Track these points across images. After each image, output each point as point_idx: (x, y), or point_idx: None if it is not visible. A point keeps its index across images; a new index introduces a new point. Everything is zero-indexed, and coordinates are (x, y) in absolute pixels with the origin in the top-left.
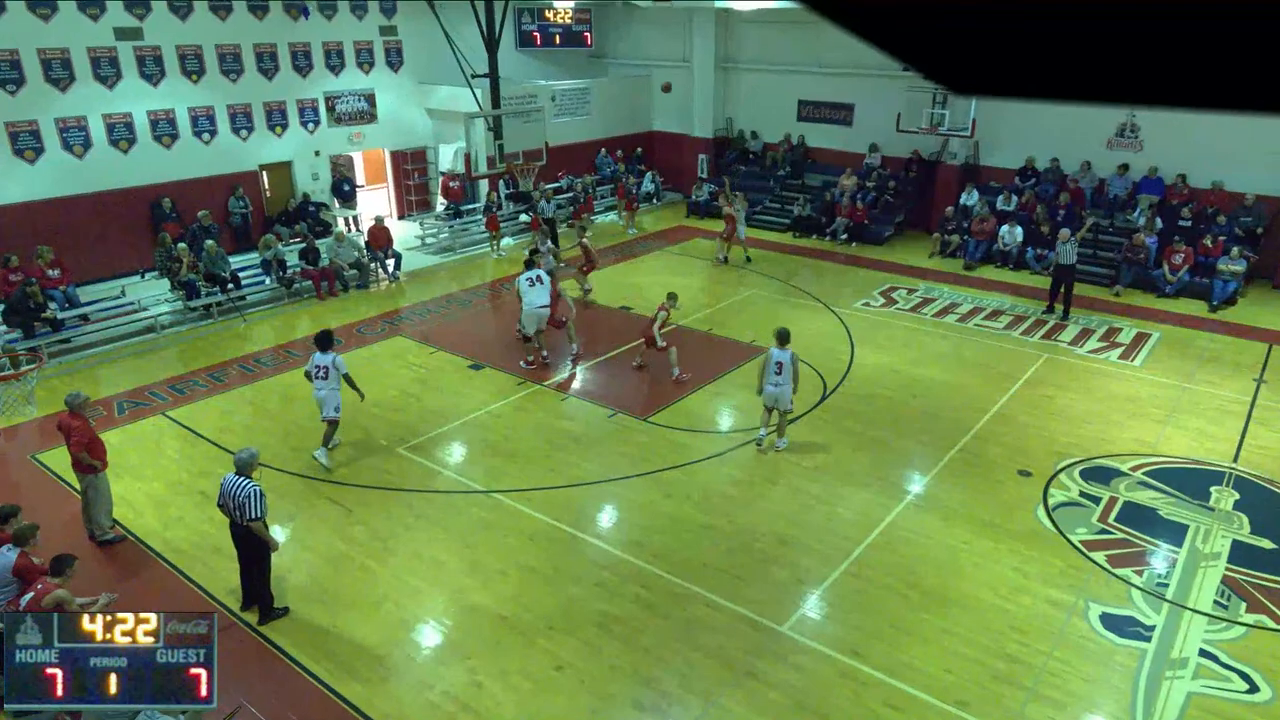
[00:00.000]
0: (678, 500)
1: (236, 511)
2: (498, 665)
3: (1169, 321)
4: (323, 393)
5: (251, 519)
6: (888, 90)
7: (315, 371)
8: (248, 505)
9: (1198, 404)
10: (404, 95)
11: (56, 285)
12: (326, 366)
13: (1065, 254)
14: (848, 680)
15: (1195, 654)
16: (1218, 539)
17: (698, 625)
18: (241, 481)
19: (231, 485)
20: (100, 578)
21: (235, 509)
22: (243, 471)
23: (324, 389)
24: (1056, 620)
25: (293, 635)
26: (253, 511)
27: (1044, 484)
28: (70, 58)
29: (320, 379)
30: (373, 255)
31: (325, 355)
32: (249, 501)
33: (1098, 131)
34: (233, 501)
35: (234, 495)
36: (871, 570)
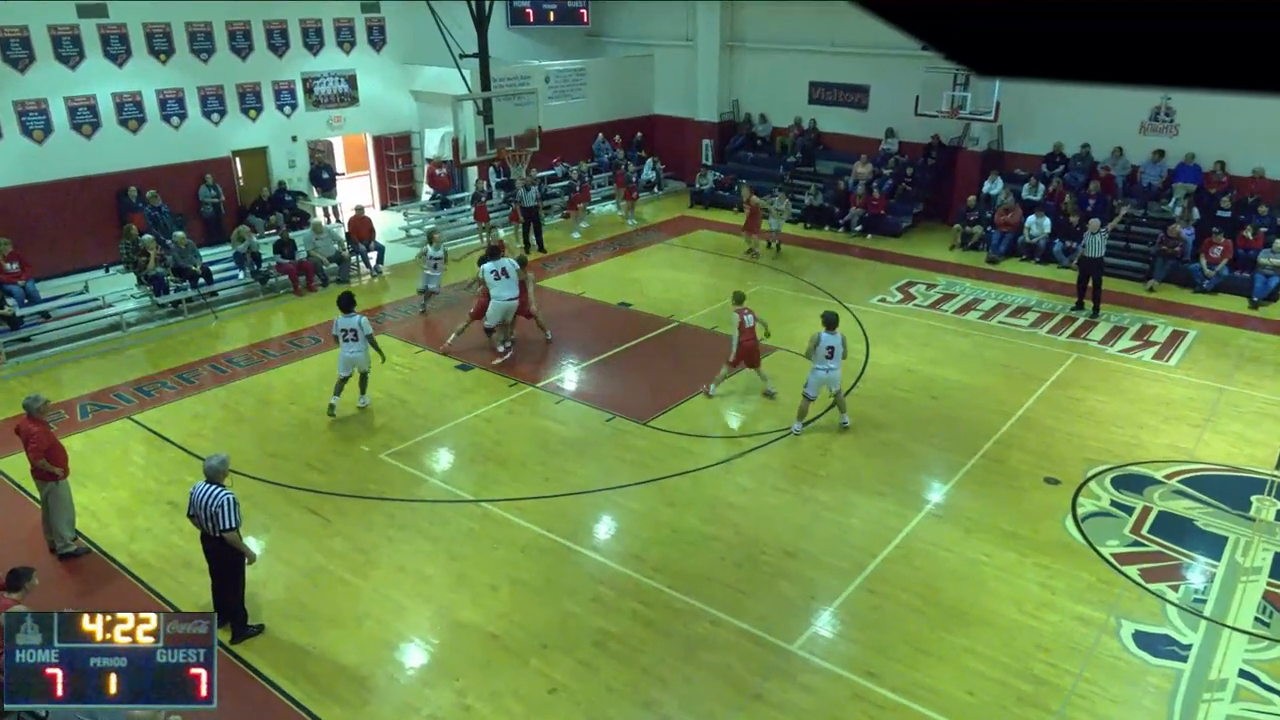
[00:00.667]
0: (680, 510)
1: (209, 522)
2: (488, 687)
3: (1206, 319)
4: (355, 354)
5: (225, 529)
6: (905, 71)
7: (343, 335)
8: (220, 515)
9: (1237, 407)
10: (387, 77)
11: (15, 280)
12: (354, 329)
13: (1094, 245)
14: (862, 703)
15: (1235, 675)
16: (1259, 552)
17: (701, 643)
18: (213, 490)
19: (202, 494)
20: (61, 593)
21: (207, 519)
22: (213, 479)
23: (355, 350)
24: (1085, 639)
25: (268, 655)
26: (226, 521)
27: (1072, 493)
28: (30, 36)
29: (350, 340)
30: (353, 247)
31: (350, 317)
32: (221, 511)
33: (1130, 115)
34: (204, 511)
35: (205, 505)
36: (887, 585)
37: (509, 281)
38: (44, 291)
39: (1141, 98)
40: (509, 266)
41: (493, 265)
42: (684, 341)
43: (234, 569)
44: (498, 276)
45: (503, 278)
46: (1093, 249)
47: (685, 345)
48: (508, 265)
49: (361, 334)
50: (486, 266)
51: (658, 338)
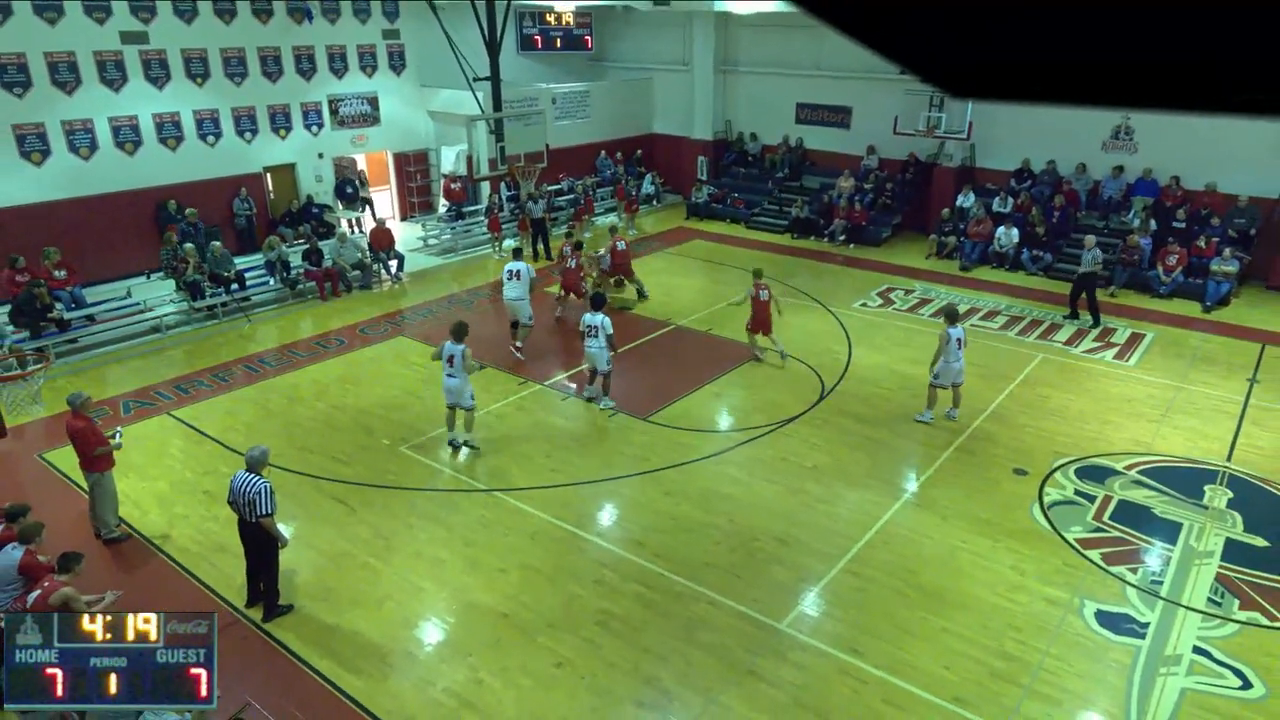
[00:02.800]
0: (678, 499)
1: (246, 508)
2: (499, 663)
3: (1163, 322)
4: (455, 381)
5: (262, 515)
6: (885, 93)
7: (446, 362)
8: (258, 501)
9: (1192, 403)
10: (406, 98)
11: (63, 286)
12: (455, 355)
13: (1085, 261)
14: (847, 677)
15: (1189, 651)
16: (1211, 537)
17: (698, 623)
18: (252, 478)
19: (242, 482)
20: (106, 575)
21: (245, 505)
22: (253, 469)
23: (456, 377)
24: (1053, 618)
25: (297, 632)
26: (263, 508)
27: (1040, 483)
28: (77, 61)
29: (450, 367)
30: (375, 256)
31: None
32: (259, 498)
33: (1093, 134)
34: (243, 498)
35: (244, 492)
36: (870, 569)
37: (517, 283)
38: (90, 296)
39: (1103, 118)
40: (521, 270)
41: (508, 266)
42: (680, 343)
43: (270, 552)
44: (509, 277)
45: (513, 278)
46: (1085, 264)
47: (682, 346)
48: (520, 268)
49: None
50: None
51: (656, 339)
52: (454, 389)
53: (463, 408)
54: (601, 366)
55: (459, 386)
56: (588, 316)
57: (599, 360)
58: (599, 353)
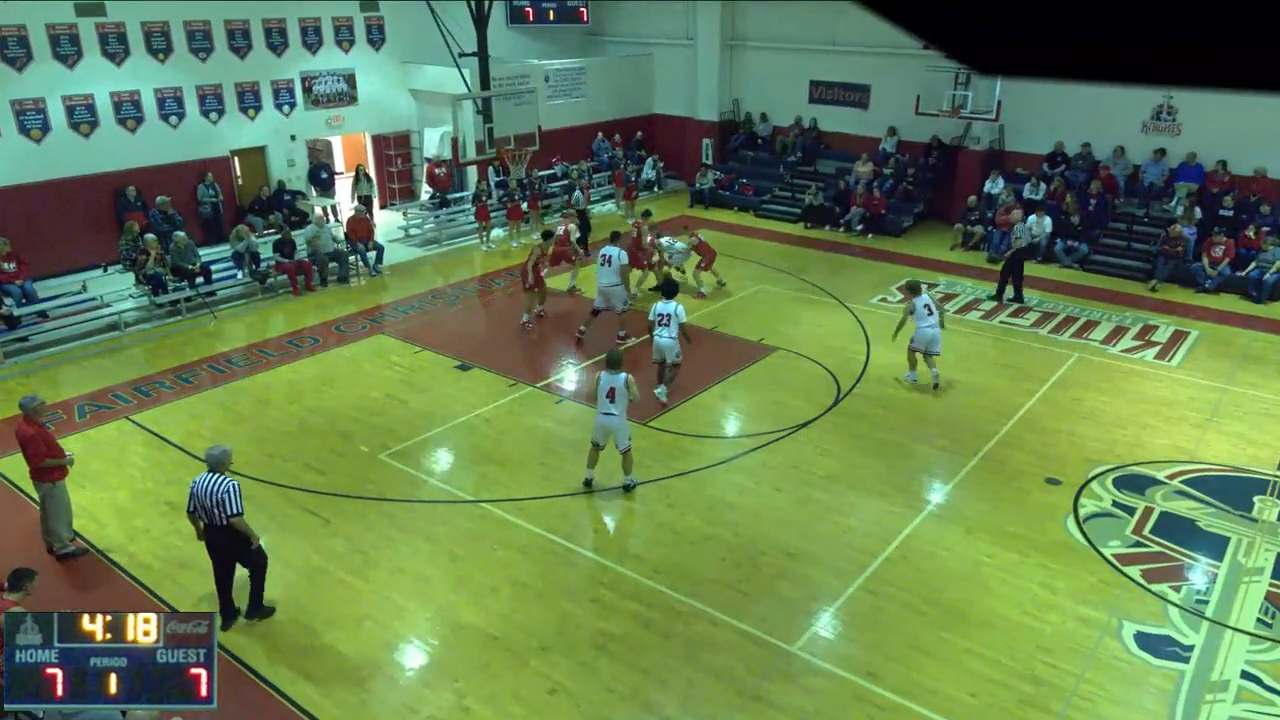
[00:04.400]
0: (680, 510)
1: (216, 509)
2: (487, 688)
3: (1208, 319)
4: (615, 420)
5: (232, 515)
6: (906, 70)
7: (605, 398)
8: (227, 500)
9: (1239, 407)
10: (386, 76)
11: (13, 280)
12: (616, 388)
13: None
14: (863, 704)
15: (1237, 676)
16: (1261, 552)
17: (701, 644)
18: (217, 478)
19: (205, 484)
20: (60, 594)
21: (214, 507)
22: (216, 469)
23: (616, 416)
24: (1087, 640)
25: (268, 656)
26: (233, 507)
27: (1074, 493)
28: (28, 34)
29: (610, 404)
30: (352, 247)
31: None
32: (228, 497)
33: (1132, 114)
34: (209, 500)
35: (210, 494)
36: (888, 586)
37: (608, 269)
38: (42, 291)
39: (1143, 97)
40: (613, 255)
41: (602, 251)
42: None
43: (247, 556)
44: (602, 263)
45: (604, 265)
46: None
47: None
48: (612, 253)
49: (623, 397)
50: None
51: None
52: (613, 428)
53: (620, 449)
54: (670, 358)
55: (619, 425)
56: (659, 305)
57: (669, 352)
58: (670, 344)
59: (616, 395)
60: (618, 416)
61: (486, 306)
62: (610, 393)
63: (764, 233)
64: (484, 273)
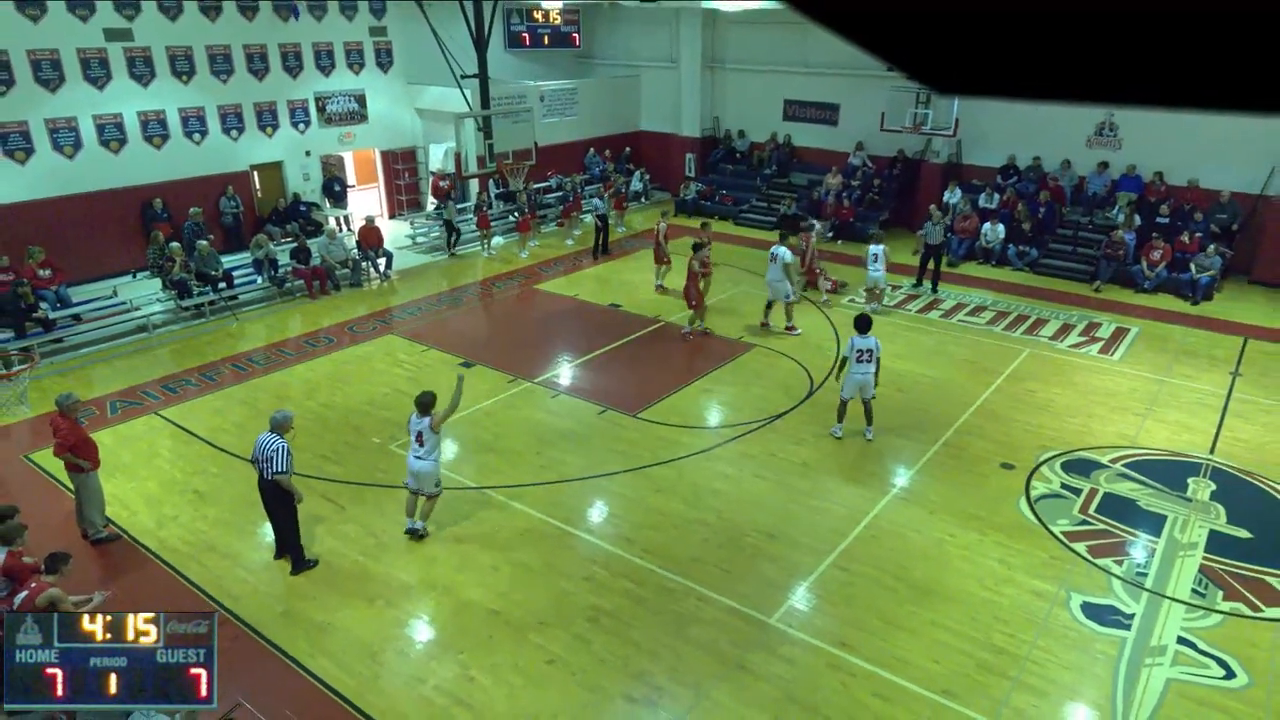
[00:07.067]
0: (667, 495)
1: (265, 465)
2: (489, 660)
3: (1147, 316)
4: (423, 464)
5: (278, 472)
6: (872, 90)
7: (414, 437)
8: (275, 459)
9: (1176, 397)
10: (394, 96)
11: (48, 285)
12: (423, 430)
13: (933, 234)
14: (836, 671)
15: (1174, 641)
16: (1195, 529)
17: (688, 619)
18: (274, 439)
19: (264, 442)
20: (94, 576)
21: (264, 462)
22: (276, 430)
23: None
24: (1040, 610)
25: (288, 632)
26: (279, 465)
27: (1026, 477)
28: (60, 58)
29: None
30: (363, 254)
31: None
32: (276, 455)
33: (1078, 130)
34: (262, 455)
35: (264, 449)
36: (859, 563)
37: (773, 266)
38: (75, 296)
39: (1088, 114)
40: (779, 253)
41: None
42: (670, 339)
43: (288, 509)
44: (772, 260)
45: (770, 263)
46: (933, 236)
47: (671, 343)
48: (776, 251)
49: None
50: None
51: (645, 336)
52: (417, 471)
53: (425, 494)
54: (781, 297)
55: (426, 470)
56: (858, 340)
57: (779, 292)
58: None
59: (425, 439)
60: (426, 460)
61: (488, 308)
62: (419, 436)
63: (742, 239)
64: (485, 277)
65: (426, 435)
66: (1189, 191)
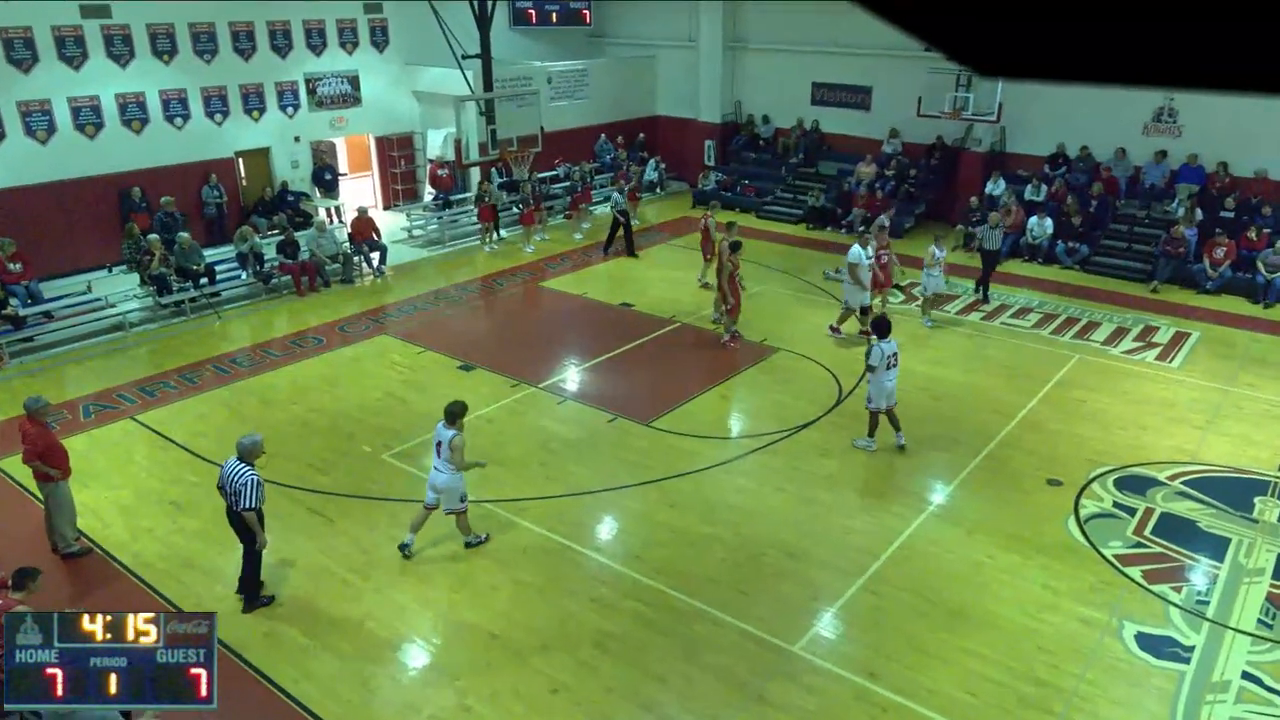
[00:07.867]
0: (681, 510)
1: (232, 498)
2: (488, 687)
3: (1210, 320)
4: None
5: (245, 509)
6: (908, 72)
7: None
8: (243, 493)
9: (1240, 408)
10: (390, 77)
11: (18, 280)
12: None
13: (991, 239)
14: (863, 704)
15: (1237, 676)
16: (1262, 553)
17: (702, 644)
18: (241, 469)
19: (231, 471)
20: (65, 593)
21: (231, 495)
22: (245, 458)
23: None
24: (1088, 640)
25: (270, 654)
26: (246, 501)
27: (1075, 494)
28: (33, 36)
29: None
30: (355, 248)
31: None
32: (244, 490)
33: (1133, 116)
34: (229, 486)
35: (231, 480)
36: (889, 586)
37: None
38: (47, 292)
39: (1144, 99)
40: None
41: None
42: (686, 342)
43: (249, 545)
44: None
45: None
46: (990, 241)
47: (687, 346)
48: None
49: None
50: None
51: (660, 338)
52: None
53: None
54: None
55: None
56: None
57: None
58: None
59: (442, 450)
60: (445, 473)
61: (490, 307)
62: (438, 447)
63: (766, 233)
64: (487, 273)
65: (445, 449)
66: (1256, 183)
